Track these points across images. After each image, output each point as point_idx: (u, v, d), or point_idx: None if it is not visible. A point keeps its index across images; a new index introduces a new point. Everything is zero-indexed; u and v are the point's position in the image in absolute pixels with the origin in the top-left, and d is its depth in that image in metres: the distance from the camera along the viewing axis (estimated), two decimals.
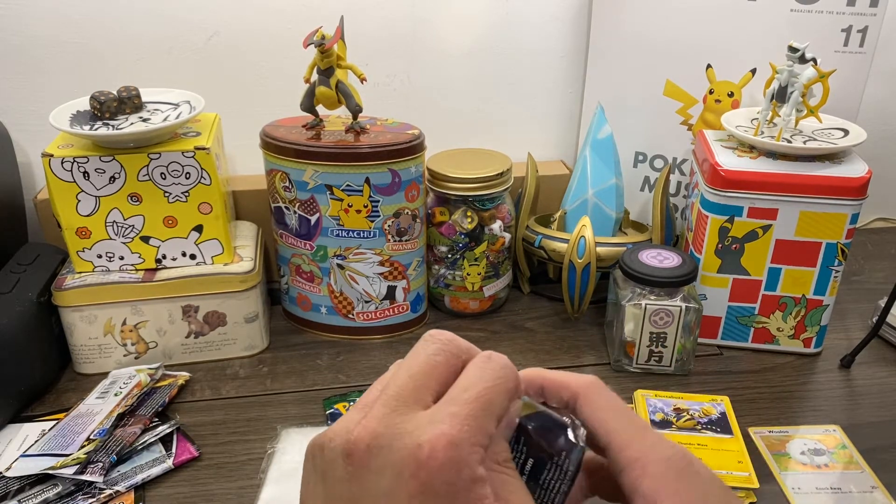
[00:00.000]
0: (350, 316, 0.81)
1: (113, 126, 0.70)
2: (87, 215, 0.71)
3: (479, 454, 0.26)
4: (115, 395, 0.68)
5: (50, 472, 0.58)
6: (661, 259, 0.74)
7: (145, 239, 0.73)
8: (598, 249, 0.81)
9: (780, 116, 0.75)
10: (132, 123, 0.71)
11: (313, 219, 0.77)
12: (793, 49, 0.72)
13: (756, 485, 0.60)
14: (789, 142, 0.74)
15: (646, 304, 0.72)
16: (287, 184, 0.76)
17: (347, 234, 0.77)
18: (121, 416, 0.65)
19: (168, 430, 0.65)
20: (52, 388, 0.73)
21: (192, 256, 0.75)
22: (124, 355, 0.75)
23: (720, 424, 0.67)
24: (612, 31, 0.89)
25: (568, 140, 1.00)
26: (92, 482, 0.59)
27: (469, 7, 0.90)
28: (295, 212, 0.77)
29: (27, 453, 0.61)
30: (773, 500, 0.60)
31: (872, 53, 0.82)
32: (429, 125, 0.80)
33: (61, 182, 0.69)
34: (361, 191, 0.74)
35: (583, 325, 0.84)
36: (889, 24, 0.91)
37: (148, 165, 0.70)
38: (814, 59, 0.72)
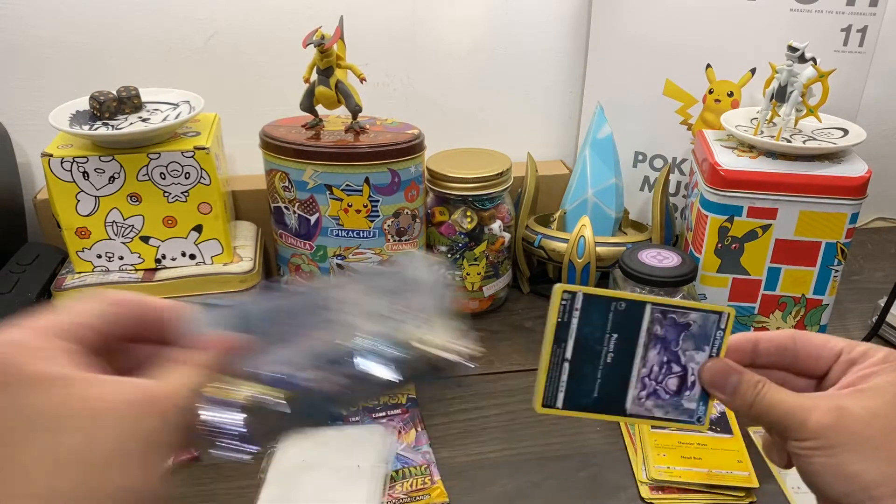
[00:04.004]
0: None
1: (112, 126, 0.70)
2: (87, 215, 0.71)
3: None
4: None
5: None
6: (660, 259, 0.74)
7: (145, 239, 0.73)
8: (598, 249, 0.81)
9: (779, 116, 0.75)
10: (132, 123, 0.71)
11: (313, 219, 0.77)
12: (792, 48, 0.72)
13: (756, 484, 0.60)
14: (789, 141, 0.74)
15: None
16: (287, 184, 0.76)
17: (347, 233, 0.77)
18: None
19: None
20: None
21: (192, 256, 0.75)
22: None
23: (720, 424, 0.67)
24: (612, 31, 0.89)
25: (568, 140, 1.00)
26: None
27: (469, 7, 0.90)
28: (294, 212, 0.77)
29: None
30: (773, 499, 0.60)
31: (872, 53, 0.83)
32: (429, 125, 0.80)
33: (61, 182, 0.69)
34: (361, 191, 0.74)
35: None
36: (889, 23, 0.91)
37: (147, 165, 0.70)
38: (813, 59, 0.72)
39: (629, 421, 0.39)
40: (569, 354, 0.37)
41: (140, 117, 0.72)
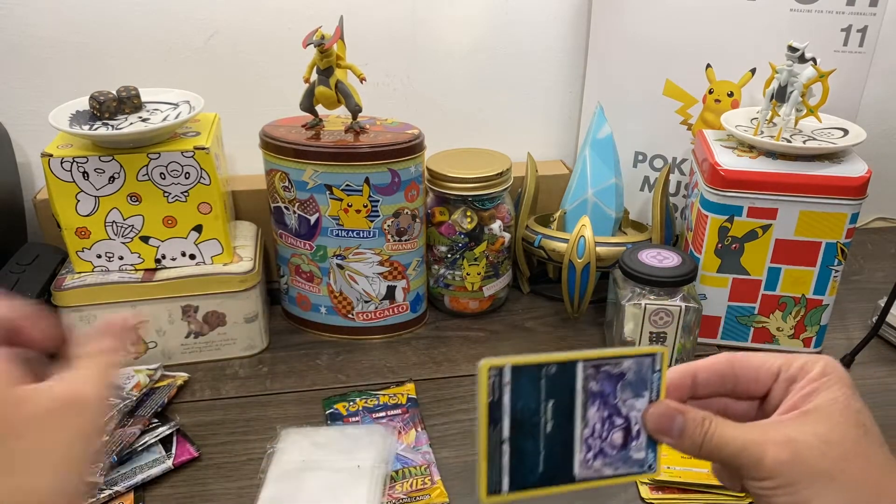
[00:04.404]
0: (350, 316, 0.81)
1: (112, 126, 0.70)
2: (87, 215, 0.71)
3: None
4: None
5: None
6: (660, 259, 0.74)
7: (145, 239, 0.73)
8: (598, 249, 0.81)
9: (779, 116, 0.75)
10: (131, 123, 0.71)
11: (313, 219, 0.77)
12: (792, 49, 0.72)
13: None
14: (789, 141, 0.74)
15: (645, 304, 0.72)
16: (286, 184, 0.76)
17: (347, 233, 0.77)
18: (121, 417, 0.65)
19: (168, 432, 0.65)
20: None
21: (192, 256, 0.75)
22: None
23: None
24: (612, 31, 0.89)
25: (568, 140, 1.00)
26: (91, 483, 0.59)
27: (469, 7, 0.90)
28: (294, 212, 0.77)
29: None
30: None
31: (872, 53, 0.82)
32: (429, 125, 0.80)
33: (61, 182, 0.69)
34: (361, 191, 0.74)
35: (582, 325, 0.84)
36: (889, 23, 0.91)
37: (147, 165, 0.70)
38: (813, 59, 0.72)
39: (579, 487, 0.37)
40: (506, 434, 0.34)
41: (140, 117, 0.72)
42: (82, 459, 0.32)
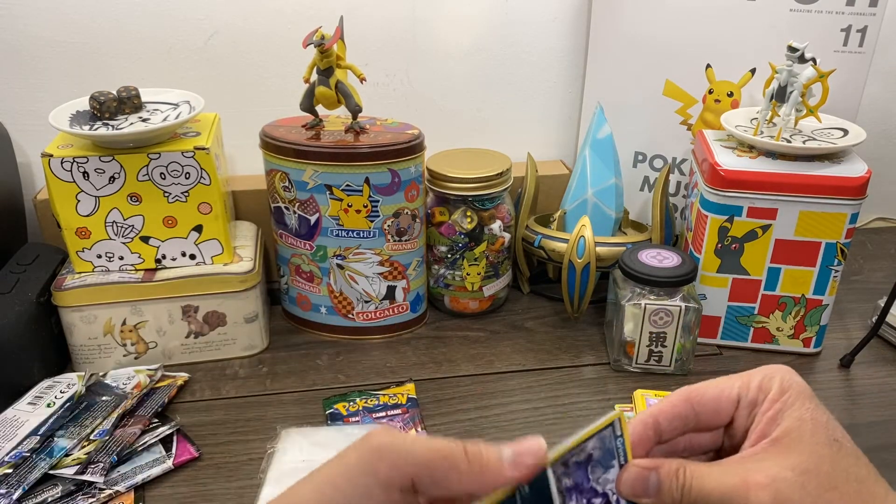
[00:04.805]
0: (350, 316, 0.81)
1: (112, 126, 0.70)
2: (87, 215, 0.71)
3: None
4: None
5: (50, 472, 0.58)
6: (660, 259, 0.74)
7: (145, 239, 0.73)
8: (598, 249, 0.81)
9: (779, 116, 0.75)
10: (132, 123, 0.71)
11: (313, 219, 0.77)
12: (792, 49, 0.72)
13: None
14: (789, 141, 0.74)
15: (645, 304, 0.72)
16: (287, 184, 0.76)
17: (347, 234, 0.77)
18: (121, 417, 0.65)
19: (168, 432, 0.65)
20: None
21: (192, 256, 0.75)
22: (124, 355, 0.75)
23: None
24: (612, 31, 0.89)
25: (567, 140, 1.00)
26: (92, 482, 0.59)
27: (469, 7, 0.90)
28: (294, 212, 0.77)
29: None
30: None
31: (872, 53, 0.83)
32: (429, 125, 0.80)
33: (61, 182, 0.69)
34: (361, 191, 0.74)
35: (582, 325, 0.85)
36: (889, 23, 0.91)
37: (147, 165, 0.70)
38: (813, 59, 0.72)
39: None
40: None
41: (140, 117, 0.72)
42: None
